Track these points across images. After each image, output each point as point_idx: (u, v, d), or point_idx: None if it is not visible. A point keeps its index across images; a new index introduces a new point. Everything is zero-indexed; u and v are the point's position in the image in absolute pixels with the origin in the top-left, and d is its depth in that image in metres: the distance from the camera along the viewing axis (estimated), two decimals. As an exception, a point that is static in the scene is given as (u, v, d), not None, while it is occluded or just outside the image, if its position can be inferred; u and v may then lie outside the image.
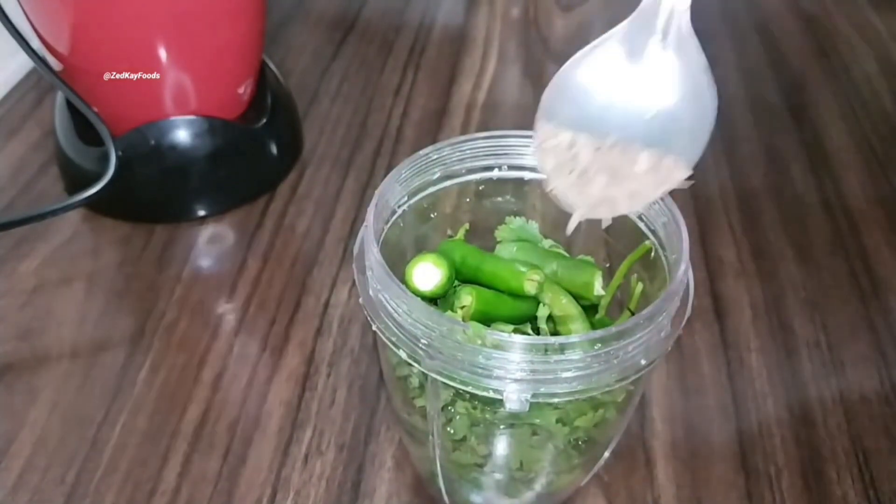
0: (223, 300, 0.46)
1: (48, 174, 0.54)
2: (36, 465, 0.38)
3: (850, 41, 0.71)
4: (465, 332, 0.27)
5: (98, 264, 0.48)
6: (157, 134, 0.48)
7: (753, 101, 0.64)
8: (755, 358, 0.43)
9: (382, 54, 0.68)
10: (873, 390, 0.42)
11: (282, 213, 0.52)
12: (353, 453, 0.39)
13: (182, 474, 0.38)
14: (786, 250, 0.50)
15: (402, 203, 0.33)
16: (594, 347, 0.26)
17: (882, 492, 0.38)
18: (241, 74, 0.51)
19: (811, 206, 0.54)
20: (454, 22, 0.73)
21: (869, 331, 0.45)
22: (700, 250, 0.50)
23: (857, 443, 0.40)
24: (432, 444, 0.32)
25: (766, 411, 0.41)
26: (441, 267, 0.31)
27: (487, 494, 0.34)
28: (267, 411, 0.40)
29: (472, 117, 0.61)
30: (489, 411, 0.30)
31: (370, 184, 0.54)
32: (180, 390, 0.41)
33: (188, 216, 0.51)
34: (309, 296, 0.47)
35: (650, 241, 0.32)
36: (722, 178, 0.56)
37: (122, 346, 0.43)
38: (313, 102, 0.62)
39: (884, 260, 0.50)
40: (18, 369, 0.42)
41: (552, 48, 0.70)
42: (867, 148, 0.59)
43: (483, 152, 0.34)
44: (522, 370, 0.26)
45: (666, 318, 0.28)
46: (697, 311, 0.46)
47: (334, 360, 0.43)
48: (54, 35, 0.45)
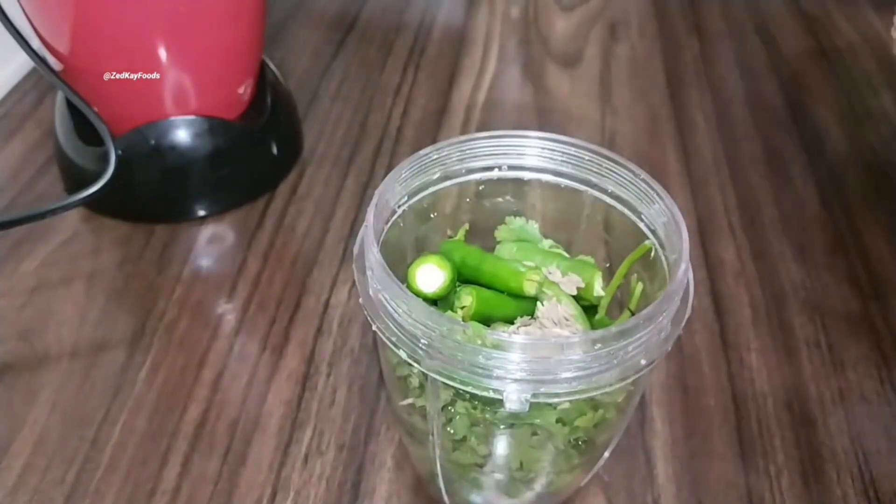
0: (223, 300, 0.46)
1: (48, 174, 0.54)
2: (36, 465, 0.38)
3: (850, 41, 0.71)
4: (465, 332, 0.27)
5: (98, 264, 0.48)
6: (157, 134, 0.48)
7: (753, 101, 0.64)
8: (755, 358, 0.43)
9: (382, 54, 0.68)
10: (873, 390, 0.42)
11: (282, 213, 0.52)
12: (353, 453, 0.39)
13: (182, 474, 0.38)
14: (786, 250, 0.50)
15: (402, 203, 0.33)
16: (594, 347, 0.26)
17: (882, 492, 0.38)
18: (241, 74, 0.51)
19: (811, 206, 0.54)
20: (454, 22, 0.73)
21: (869, 331, 0.45)
22: (700, 250, 0.50)
23: (857, 443, 0.40)
24: (432, 444, 0.32)
25: (766, 411, 0.41)
26: (444, 269, 0.31)
27: (487, 494, 0.34)
28: (267, 411, 0.40)
29: (472, 117, 0.61)
30: (489, 411, 0.30)
31: (370, 184, 0.54)
32: (180, 390, 0.41)
33: (188, 216, 0.51)
34: (309, 296, 0.47)
35: (650, 241, 0.32)
36: (722, 178, 0.56)
37: (122, 346, 0.43)
38: (313, 102, 0.62)
39: (884, 260, 0.50)
40: (18, 369, 0.42)
41: (552, 48, 0.70)
42: (867, 148, 0.59)
43: (483, 152, 0.34)
44: (522, 370, 0.26)
45: (666, 318, 0.28)
46: (697, 311, 0.46)
47: (334, 360, 0.43)
48: (54, 35, 0.45)
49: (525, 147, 0.34)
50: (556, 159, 0.34)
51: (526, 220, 0.36)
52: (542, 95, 0.64)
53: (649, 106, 0.63)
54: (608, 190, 0.34)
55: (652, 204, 0.32)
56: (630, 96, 0.64)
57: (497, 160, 0.35)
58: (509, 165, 0.35)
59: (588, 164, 0.34)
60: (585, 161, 0.34)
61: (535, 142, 0.34)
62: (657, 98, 0.64)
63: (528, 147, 0.34)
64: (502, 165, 0.35)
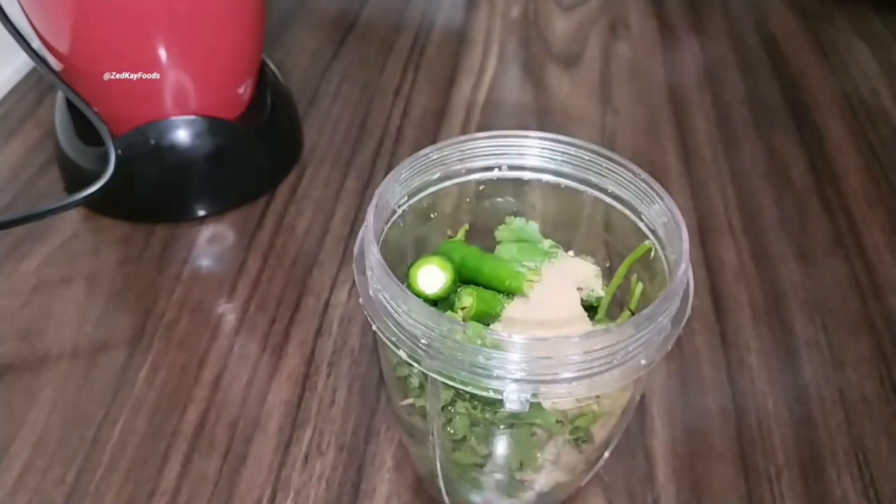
0: (223, 300, 0.46)
1: (48, 174, 0.54)
2: (36, 465, 0.38)
3: (850, 41, 0.71)
4: (465, 332, 0.27)
5: (98, 264, 0.48)
6: (157, 134, 0.48)
7: (753, 101, 0.64)
8: (755, 358, 0.43)
9: (382, 54, 0.68)
10: (873, 390, 0.42)
11: (282, 213, 0.52)
12: (353, 453, 0.39)
13: (182, 474, 0.38)
14: (786, 250, 0.50)
15: (402, 203, 0.33)
16: (594, 347, 0.26)
17: (882, 492, 0.38)
18: (241, 74, 0.51)
19: (811, 206, 0.54)
20: (454, 22, 0.73)
21: (869, 331, 0.45)
22: (700, 250, 0.50)
23: (857, 443, 0.40)
24: (432, 444, 0.32)
25: (766, 411, 0.41)
26: (446, 270, 0.31)
27: (487, 494, 0.34)
28: (267, 411, 0.40)
29: (472, 117, 0.61)
30: (489, 411, 0.30)
31: (370, 184, 0.54)
32: (180, 390, 0.41)
33: (188, 216, 0.51)
34: (309, 296, 0.47)
35: (650, 241, 0.32)
36: (722, 178, 0.56)
37: (122, 346, 0.43)
38: (313, 102, 0.62)
39: (884, 260, 0.50)
40: (18, 369, 0.42)
41: (552, 48, 0.70)
42: (867, 148, 0.59)
43: (483, 152, 0.34)
44: (522, 370, 0.26)
45: (666, 318, 0.28)
46: (697, 311, 0.46)
47: (334, 360, 0.43)
48: (54, 35, 0.45)
49: (525, 147, 0.34)
50: (556, 159, 0.34)
51: (526, 220, 0.36)
52: (542, 95, 0.64)
53: (649, 106, 0.63)
54: (608, 190, 0.34)
55: (652, 204, 0.32)
56: (630, 96, 0.64)
57: (497, 160, 0.35)
58: (509, 165, 0.35)
59: (588, 164, 0.34)
60: (585, 161, 0.34)
61: (535, 142, 0.34)
62: (657, 98, 0.64)
63: (528, 147, 0.34)
64: (502, 165, 0.35)
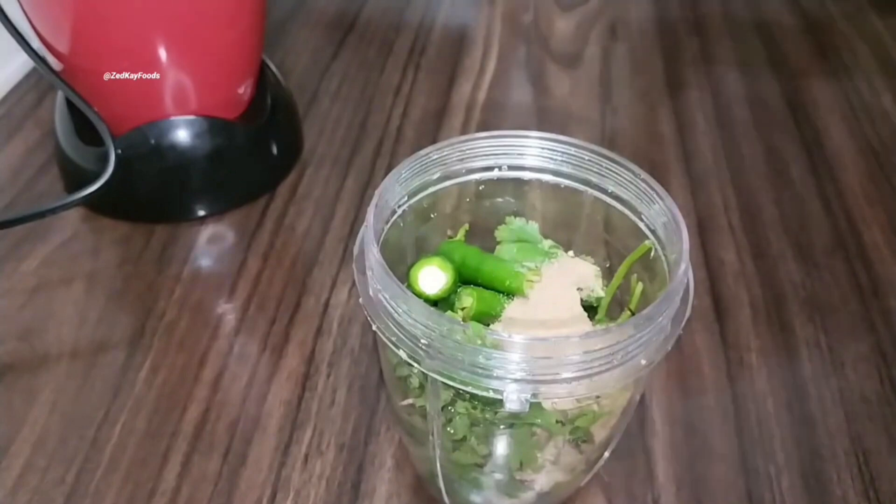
0: (223, 300, 0.46)
1: (48, 174, 0.54)
2: (36, 465, 0.38)
3: (850, 41, 0.71)
4: (465, 332, 0.27)
5: (98, 264, 0.48)
6: (157, 134, 0.48)
7: (753, 101, 0.64)
8: (755, 358, 0.43)
9: (382, 54, 0.68)
10: (873, 390, 0.42)
11: (282, 213, 0.52)
12: (353, 453, 0.39)
13: (182, 474, 0.38)
14: (786, 250, 0.50)
15: (402, 203, 0.33)
16: (594, 348, 0.26)
17: (882, 492, 0.38)
18: (241, 74, 0.51)
19: (811, 206, 0.54)
20: (454, 22, 0.73)
21: (869, 331, 0.45)
22: (700, 250, 0.50)
23: (857, 443, 0.40)
24: (432, 444, 0.32)
25: (766, 411, 0.41)
26: (446, 271, 0.31)
27: (487, 494, 0.34)
28: (267, 411, 0.40)
29: (472, 117, 0.61)
30: (489, 411, 0.30)
31: (370, 184, 0.54)
32: (180, 390, 0.41)
33: (188, 216, 0.51)
34: (309, 296, 0.47)
35: (650, 241, 0.32)
36: (722, 177, 0.56)
37: (122, 346, 0.43)
38: (313, 102, 0.62)
39: (884, 260, 0.50)
40: (18, 369, 0.42)
41: (552, 48, 0.70)
42: (867, 148, 0.59)
43: (483, 152, 0.34)
44: (522, 370, 0.26)
45: (666, 318, 0.28)
46: (697, 311, 0.46)
47: (334, 360, 0.43)
48: (54, 35, 0.45)
49: (525, 147, 0.34)
50: (556, 159, 0.34)
51: (526, 220, 0.36)
52: (542, 95, 0.64)
53: (649, 106, 0.63)
54: (608, 190, 0.34)
55: (652, 204, 0.32)
56: (630, 96, 0.64)
57: (497, 160, 0.35)
58: (509, 165, 0.35)
59: (588, 164, 0.34)
60: (585, 161, 0.34)
61: (535, 142, 0.34)
62: (657, 98, 0.64)
63: (528, 147, 0.34)
64: (502, 165, 0.35)
